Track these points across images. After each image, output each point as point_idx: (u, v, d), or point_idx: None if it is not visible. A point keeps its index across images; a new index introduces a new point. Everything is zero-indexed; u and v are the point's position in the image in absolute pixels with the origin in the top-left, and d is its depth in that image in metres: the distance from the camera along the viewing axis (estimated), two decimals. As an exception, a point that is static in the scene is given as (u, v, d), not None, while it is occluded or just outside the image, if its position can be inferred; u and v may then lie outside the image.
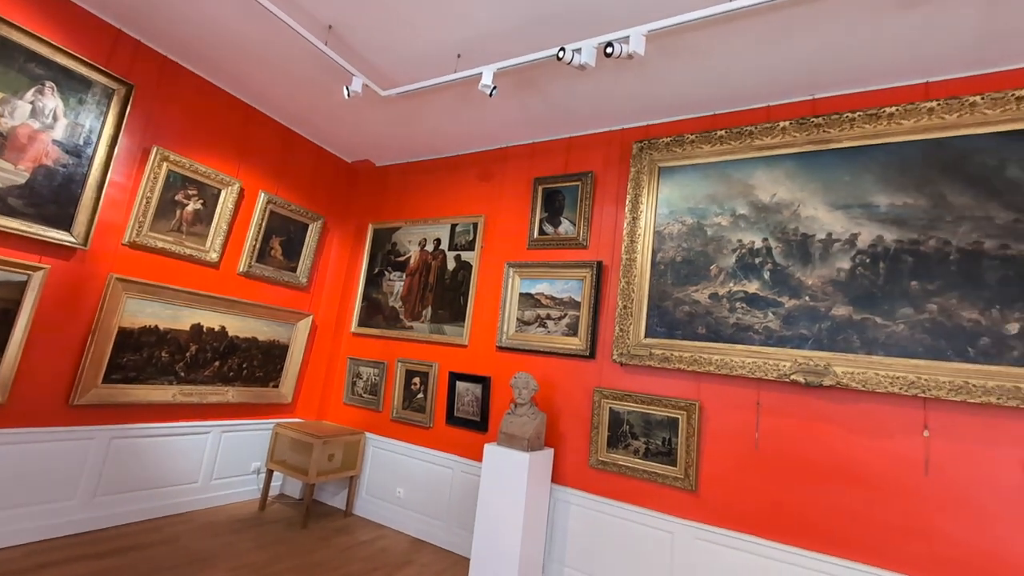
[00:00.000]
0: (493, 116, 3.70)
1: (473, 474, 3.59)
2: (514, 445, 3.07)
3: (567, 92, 3.27)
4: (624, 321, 3.22)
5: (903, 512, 2.39)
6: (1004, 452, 2.26)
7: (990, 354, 2.31)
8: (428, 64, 3.12)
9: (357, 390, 4.37)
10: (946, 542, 2.30)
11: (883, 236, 2.63)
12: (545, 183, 3.78)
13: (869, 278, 2.63)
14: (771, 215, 2.95)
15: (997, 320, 2.33)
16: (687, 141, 3.25)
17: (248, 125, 4.03)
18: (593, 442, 3.20)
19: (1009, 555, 2.19)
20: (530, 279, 3.68)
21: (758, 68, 2.80)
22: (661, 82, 3.04)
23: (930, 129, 2.61)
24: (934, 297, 2.46)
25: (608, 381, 3.26)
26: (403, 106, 3.72)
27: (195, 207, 3.65)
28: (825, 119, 2.84)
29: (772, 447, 2.73)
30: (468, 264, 4.01)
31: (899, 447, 2.44)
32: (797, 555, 2.56)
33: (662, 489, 2.97)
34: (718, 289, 3.02)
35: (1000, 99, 2.46)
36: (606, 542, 3.06)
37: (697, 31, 2.55)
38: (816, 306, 2.72)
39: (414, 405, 4.02)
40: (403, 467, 3.97)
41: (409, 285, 4.29)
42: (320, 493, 4.31)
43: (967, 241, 2.45)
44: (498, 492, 3.00)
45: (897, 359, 2.47)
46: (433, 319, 4.07)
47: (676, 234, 3.21)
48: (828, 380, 2.58)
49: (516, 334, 3.66)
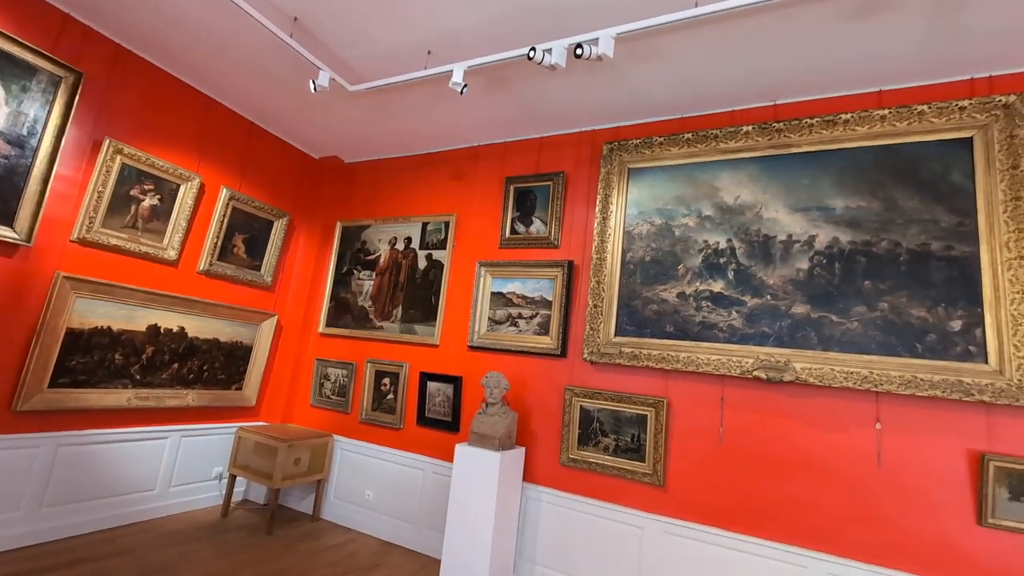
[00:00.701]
0: (465, 114, 3.67)
1: (444, 475, 3.56)
2: (485, 444, 3.06)
3: (539, 92, 3.28)
4: (595, 320, 3.25)
5: (858, 502, 2.51)
6: (949, 442, 2.39)
7: (936, 350, 2.44)
8: (398, 60, 3.08)
9: (325, 392, 4.28)
10: (897, 530, 2.42)
11: (839, 237, 2.75)
12: (517, 182, 3.78)
13: (826, 278, 2.74)
14: (735, 216, 3.03)
15: (942, 318, 2.46)
16: (656, 143, 3.31)
17: (209, 118, 3.88)
18: (564, 440, 3.22)
19: (953, 541, 2.32)
20: (502, 278, 3.68)
21: (723, 73, 2.88)
22: (631, 84, 3.09)
23: (882, 136, 2.74)
24: (885, 296, 2.59)
25: (579, 379, 3.29)
26: (372, 102, 3.65)
27: (152, 203, 3.49)
28: (786, 124, 2.94)
29: (736, 442, 2.81)
30: (439, 263, 3.97)
31: (854, 439, 2.56)
32: (760, 546, 2.65)
33: (631, 485, 3.02)
34: (685, 288, 3.08)
35: (945, 108, 2.61)
36: (577, 539, 3.09)
37: (664, 35, 2.60)
38: (777, 305, 2.82)
39: (384, 406, 3.96)
40: (372, 469, 3.90)
41: (379, 284, 4.22)
42: (286, 498, 4.20)
43: (916, 243, 2.58)
44: (469, 492, 2.98)
45: (851, 355, 2.58)
46: (404, 319, 4.02)
47: (645, 234, 3.27)
48: (788, 376, 2.67)
49: (488, 333, 3.65)
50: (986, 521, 2.26)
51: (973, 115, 2.55)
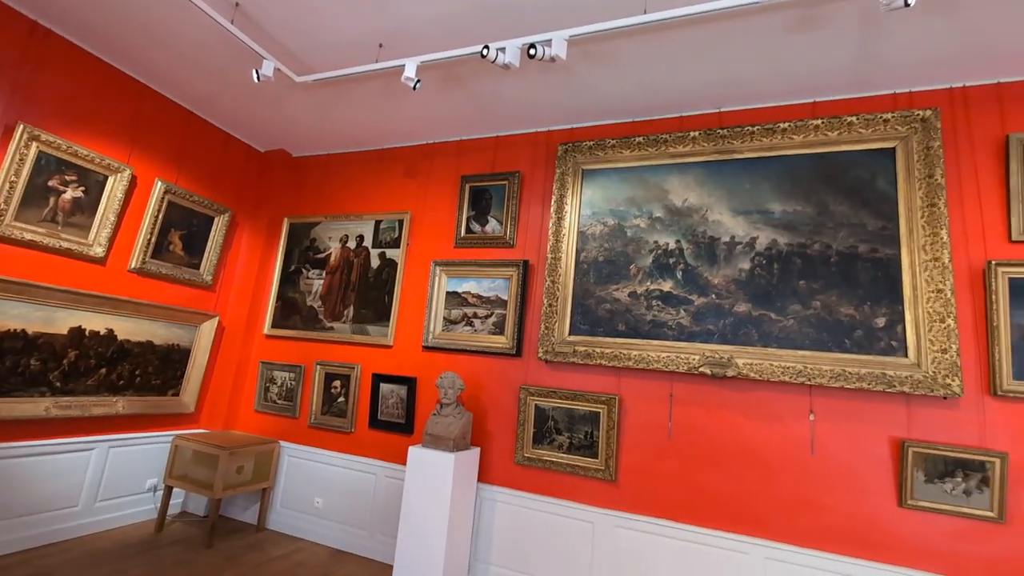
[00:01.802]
0: (419, 111, 3.61)
1: (398, 479, 3.49)
2: (439, 446, 3.02)
3: (494, 91, 3.27)
4: (549, 319, 3.28)
5: (793, 489, 2.65)
6: (874, 431, 2.58)
7: (863, 345, 2.62)
8: (348, 52, 2.98)
9: (270, 396, 4.09)
10: (828, 513, 2.58)
11: (777, 240, 2.90)
12: (473, 181, 3.76)
13: (765, 278, 2.88)
14: (683, 218, 3.14)
15: (868, 315, 2.65)
16: (609, 145, 3.37)
17: (142, 106, 3.62)
18: (519, 439, 3.23)
19: (878, 522, 2.50)
20: (457, 278, 3.65)
21: (672, 79, 2.97)
22: (585, 87, 3.13)
23: (816, 144, 2.91)
24: (818, 295, 2.75)
25: (534, 379, 3.30)
26: (322, 94, 3.52)
27: (74, 195, 3.21)
28: (729, 131, 3.08)
29: (683, 436, 2.91)
30: (393, 262, 3.89)
31: (790, 430, 2.71)
32: (705, 535, 2.75)
33: (584, 481, 3.07)
34: (637, 288, 3.16)
35: (872, 120, 2.80)
36: (531, 537, 3.10)
37: (616, 40, 2.65)
38: (721, 303, 2.94)
39: (334, 410, 3.83)
40: (322, 475, 3.77)
41: (329, 284, 4.08)
42: (228, 508, 3.98)
43: (845, 245, 2.76)
44: (423, 495, 2.93)
45: (788, 351, 2.73)
46: (356, 319, 3.90)
47: (599, 234, 3.32)
48: (731, 371, 2.79)
49: (443, 333, 3.61)
50: (906, 502, 2.45)
51: (896, 127, 2.76)
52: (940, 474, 2.41)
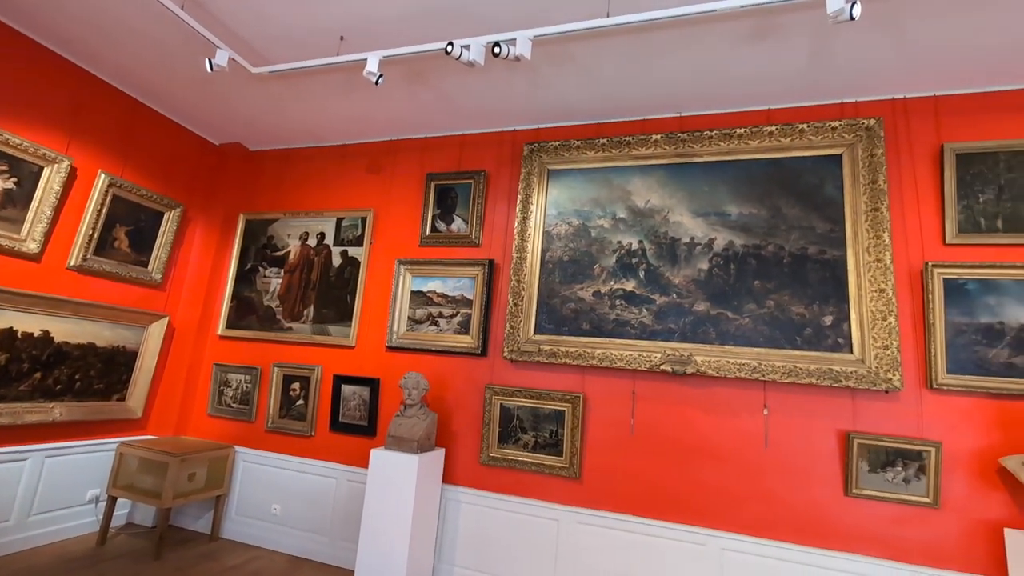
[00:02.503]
0: (383, 106, 3.54)
1: (360, 482, 3.41)
2: (403, 448, 2.97)
3: (459, 89, 3.24)
4: (515, 318, 3.28)
5: (748, 481, 2.75)
6: (822, 424, 2.70)
7: (812, 342, 2.75)
8: (307, 44, 2.89)
9: (225, 400, 3.92)
10: (780, 504, 2.69)
11: (734, 241, 3.00)
12: (438, 179, 3.71)
13: (723, 278, 2.98)
14: (646, 219, 3.20)
15: (817, 313, 2.77)
16: (574, 146, 3.40)
17: (83, 94, 3.40)
18: (484, 439, 3.22)
19: (826, 510, 2.62)
20: (422, 277, 3.60)
21: (635, 83, 3.02)
22: (550, 88, 3.15)
23: (770, 150, 3.02)
24: (772, 294, 2.86)
25: (499, 378, 3.30)
26: (281, 87, 3.41)
27: (5, 186, 2.99)
28: (689, 135, 3.16)
29: (645, 432, 2.97)
30: (355, 260, 3.80)
31: (745, 424, 2.80)
32: (665, 528, 2.82)
33: (549, 479, 3.08)
34: (601, 287, 3.20)
35: (821, 128, 2.93)
36: (496, 537, 3.09)
37: (581, 42, 2.68)
38: (681, 303, 3.02)
39: (293, 413, 3.71)
40: (280, 481, 3.64)
41: (288, 282, 3.95)
42: (179, 518, 3.80)
43: (796, 247, 2.88)
44: (385, 498, 2.88)
45: (744, 348, 2.83)
46: (316, 319, 3.79)
47: (564, 234, 3.35)
48: (690, 369, 2.87)
49: (407, 333, 3.55)
50: (851, 491, 2.58)
51: (843, 135, 2.90)
52: (882, 464, 2.55)
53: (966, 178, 2.70)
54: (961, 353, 2.54)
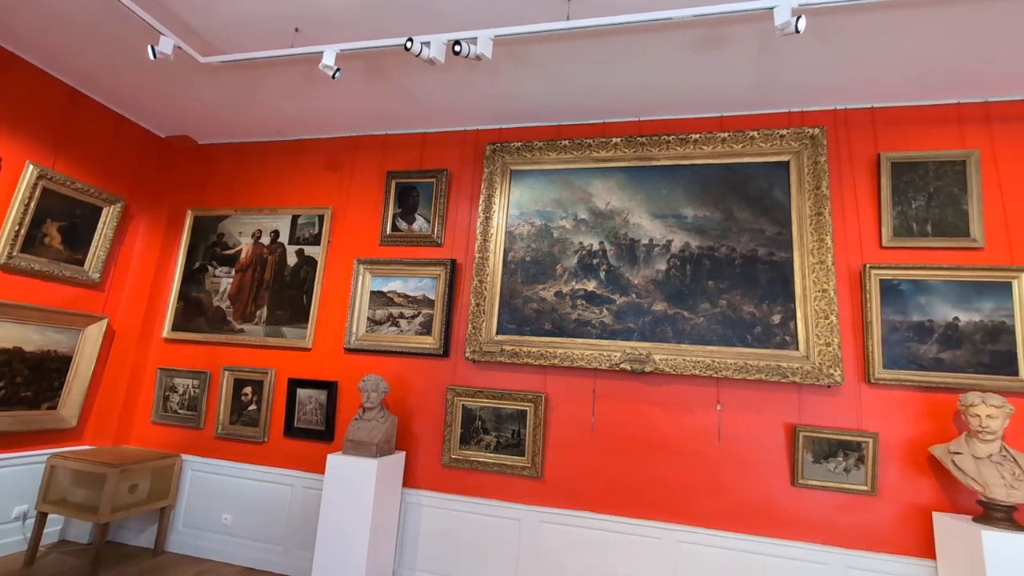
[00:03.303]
0: (341, 101, 3.45)
1: (316, 489, 3.30)
2: (362, 452, 2.90)
3: (421, 86, 3.20)
4: (477, 319, 3.27)
5: (702, 475, 2.84)
6: (769, 418, 2.82)
7: (762, 340, 2.87)
8: (261, 34, 2.78)
9: (171, 406, 3.72)
10: (732, 495, 2.79)
11: (690, 243, 3.09)
12: (399, 178, 3.65)
13: (679, 278, 3.07)
14: (606, 221, 3.26)
15: (766, 312, 2.89)
16: (536, 147, 3.42)
17: (9, 79, 3.14)
18: (446, 441, 3.18)
19: (775, 501, 2.74)
20: (382, 276, 3.53)
21: (596, 87, 3.07)
22: (512, 89, 3.15)
23: (723, 155, 3.14)
24: (724, 294, 2.97)
25: (462, 379, 3.27)
26: (233, 78, 3.26)
27: (-85, 176, 2.72)
28: (648, 139, 3.24)
29: (605, 430, 3.02)
30: (312, 259, 3.68)
31: (699, 420, 2.90)
32: (624, 524, 2.87)
33: (511, 479, 3.09)
34: (562, 287, 3.23)
35: (770, 135, 3.07)
36: (458, 539, 3.07)
37: (542, 44, 2.69)
38: (640, 302, 3.09)
39: (245, 418, 3.56)
40: (231, 490, 3.48)
41: (240, 282, 3.78)
42: (119, 533, 3.57)
43: (747, 249, 3.00)
44: (343, 504, 2.80)
45: (698, 346, 2.92)
46: (270, 320, 3.65)
47: (526, 235, 3.36)
48: (649, 367, 2.94)
49: (366, 334, 3.47)
50: (797, 482, 2.70)
51: (790, 143, 3.04)
52: (825, 455, 2.69)
53: (900, 185, 2.89)
54: (895, 349, 2.71)
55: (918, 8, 2.28)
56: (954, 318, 2.67)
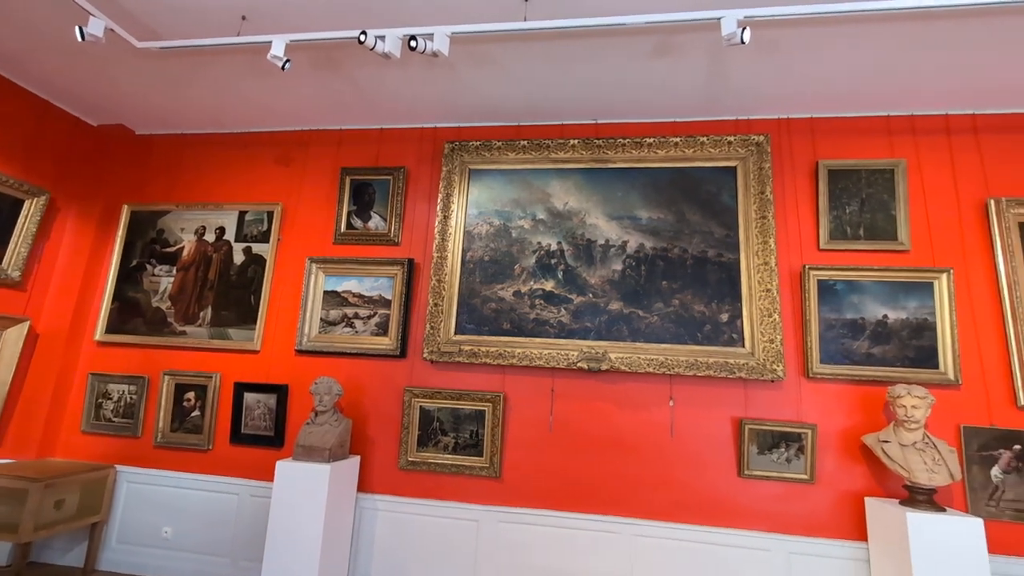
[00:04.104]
0: (293, 94, 3.33)
1: (265, 497, 3.16)
2: (314, 457, 2.80)
3: (377, 81, 3.13)
4: (435, 319, 3.23)
5: (656, 469, 2.92)
6: (720, 412, 2.94)
7: (711, 338, 2.98)
8: (204, 21, 2.64)
9: (104, 414, 3.47)
10: (684, 488, 2.88)
11: (644, 244, 3.17)
12: (354, 174, 3.56)
13: (635, 278, 3.14)
14: (564, 221, 3.29)
15: (715, 311, 3.01)
16: (495, 147, 3.42)
17: (-90, 53, 2.84)
18: (403, 443, 3.13)
19: (723, 492, 2.85)
20: (336, 276, 3.42)
21: (553, 89, 3.10)
22: (471, 87, 3.13)
23: (676, 160, 3.24)
24: (677, 294, 3.07)
25: (419, 380, 3.22)
26: (175, 66, 3.08)
27: None
28: (604, 142, 3.30)
29: (563, 428, 3.05)
30: (261, 258, 3.52)
31: (653, 416, 2.98)
32: (582, 520, 2.91)
33: (470, 480, 3.07)
34: (521, 287, 3.24)
35: (719, 141, 3.19)
36: (415, 543, 3.02)
37: (500, 43, 2.69)
38: (597, 302, 3.14)
39: (187, 425, 3.36)
40: (172, 501, 3.29)
41: (182, 281, 3.58)
42: (43, 552, 3.29)
43: (697, 250, 3.11)
44: (293, 512, 2.70)
45: (652, 344, 3.00)
46: (215, 322, 3.47)
47: (485, 234, 3.35)
48: (605, 365, 2.99)
49: (319, 336, 3.36)
50: (743, 473, 2.83)
51: (737, 149, 3.17)
52: (769, 446, 2.83)
53: (836, 191, 3.08)
54: (831, 345, 2.88)
55: (851, 25, 2.43)
56: (883, 316, 2.86)
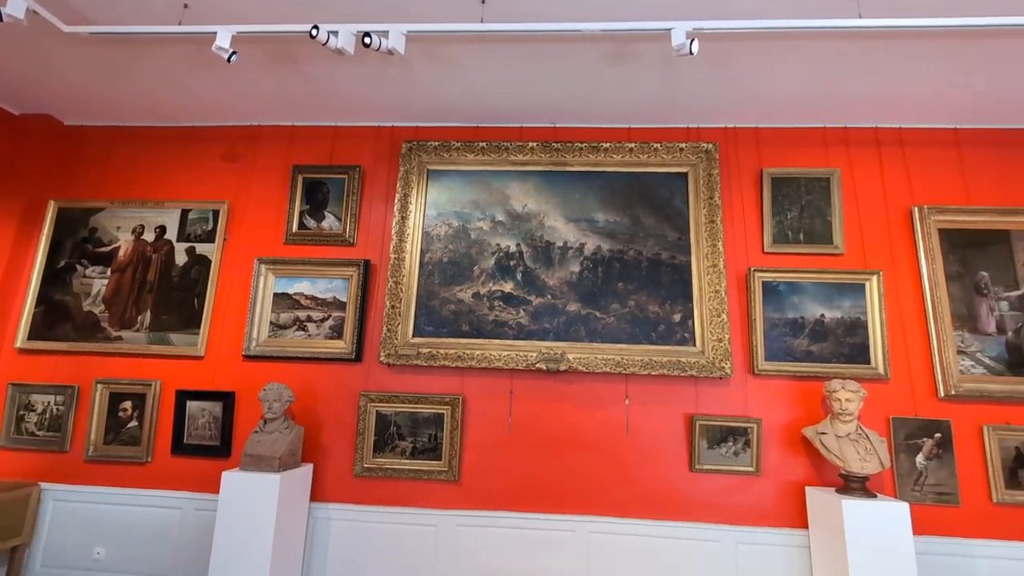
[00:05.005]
0: (241, 88, 3.18)
1: (211, 511, 3.00)
2: (263, 467, 2.69)
3: (331, 77, 3.04)
4: (392, 321, 3.17)
5: (611, 467, 2.99)
6: (672, 409, 3.03)
7: (665, 337, 3.07)
8: (141, 6, 2.48)
9: (27, 427, 3.19)
10: (638, 484, 2.96)
11: (601, 246, 3.24)
12: (307, 172, 3.45)
13: (592, 280, 3.20)
14: (523, 223, 3.31)
15: (668, 312, 3.11)
16: (454, 148, 3.40)
17: None
18: (359, 449, 3.05)
19: (676, 486, 2.94)
20: (287, 277, 3.30)
21: (512, 91, 3.11)
22: (429, 87, 3.10)
23: (631, 164, 3.33)
24: (632, 295, 3.15)
25: (376, 384, 3.16)
26: (108, 53, 2.88)
27: None
28: (562, 145, 3.34)
29: (522, 429, 3.07)
30: (205, 258, 3.35)
31: (610, 415, 3.04)
32: (540, 520, 2.93)
33: (428, 485, 3.03)
34: (480, 289, 3.24)
35: (671, 148, 3.30)
36: (371, 552, 2.95)
37: (457, 44, 2.68)
38: (555, 303, 3.18)
39: (123, 437, 3.15)
40: (105, 520, 3.06)
41: (117, 283, 3.34)
42: (-46, 583, 3.00)
43: (652, 252, 3.20)
44: (241, 525, 2.58)
45: (609, 345, 3.07)
46: (154, 326, 3.26)
47: (443, 235, 3.32)
48: (563, 366, 3.03)
49: (269, 340, 3.22)
50: (695, 467, 2.93)
51: (688, 156, 3.29)
52: (718, 441, 2.95)
53: (779, 198, 3.25)
54: (775, 343, 3.04)
55: (792, 41, 2.57)
56: (821, 315, 3.05)
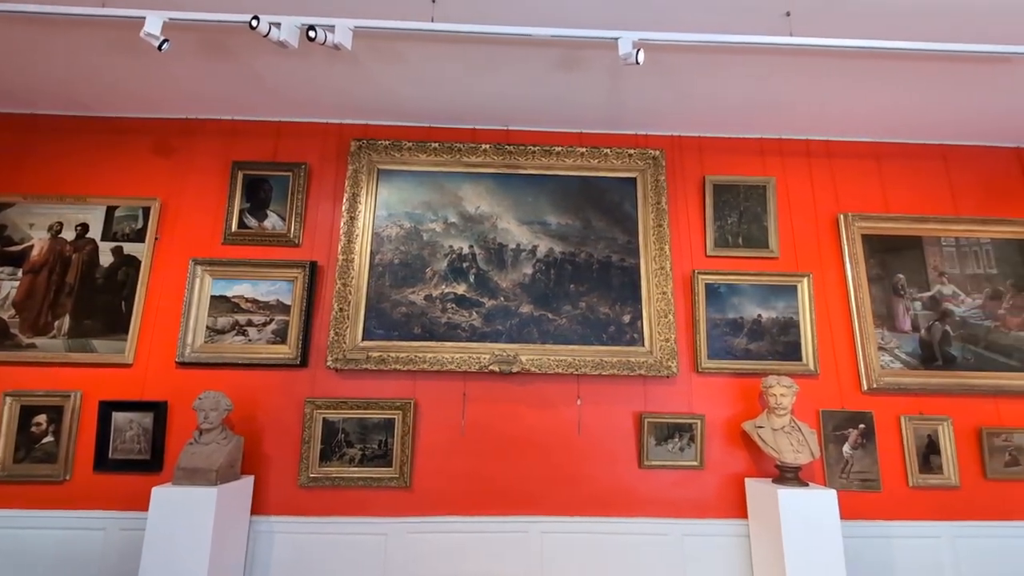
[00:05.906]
0: (176, 78, 2.99)
1: (139, 530, 2.76)
2: (198, 480, 2.52)
3: (273, 70, 2.92)
4: (340, 324, 3.07)
5: (563, 466, 3.02)
6: (622, 408, 3.11)
7: (615, 338, 3.15)
8: (59, -16, 2.29)
9: (-82, 447, 2.84)
10: (589, 483, 3.01)
11: (554, 248, 3.28)
12: (248, 169, 3.28)
13: (544, 282, 3.23)
14: (476, 225, 3.30)
15: (619, 313, 3.19)
16: (405, 147, 3.34)
17: None
18: (304, 458, 2.93)
19: (626, 483, 3.02)
20: (226, 279, 3.12)
21: (465, 92, 3.10)
22: (379, 84, 3.04)
23: (582, 168, 3.39)
24: (584, 297, 3.21)
25: (322, 390, 3.04)
26: (17, 34, 2.63)
27: None
28: (515, 148, 3.36)
29: (475, 432, 3.05)
30: (134, 259, 3.11)
31: (562, 415, 3.08)
32: (492, 523, 2.92)
33: (378, 493, 2.95)
34: (432, 291, 3.19)
35: (621, 154, 3.40)
36: (317, 565, 2.83)
37: (408, 42, 2.64)
38: (508, 305, 3.18)
39: (37, 454, 2.86)
40: (16, 546, 2.77)
41: (31, 286, 3.04)
42: None
43: (603, 255, 3.28)
44: (172, 544, 2.41)
45: (561, 346, 3.11)
46: (74, 332, 3.00)
47: (394, 237, 3.26)
48: (516, 368, 3.04)
49: (205, 345, 3.04)
50: (644, 464, 3.02)
51: (637, 161, 3.40)
52: (665, 437, 3.05)
53: (720, 204, 3.41)
54: (717, 343, 3.18)
55: (732, 54, 2.71)
56: (758, 315, 3.22)
